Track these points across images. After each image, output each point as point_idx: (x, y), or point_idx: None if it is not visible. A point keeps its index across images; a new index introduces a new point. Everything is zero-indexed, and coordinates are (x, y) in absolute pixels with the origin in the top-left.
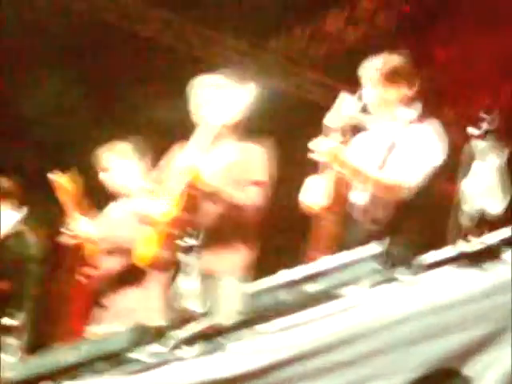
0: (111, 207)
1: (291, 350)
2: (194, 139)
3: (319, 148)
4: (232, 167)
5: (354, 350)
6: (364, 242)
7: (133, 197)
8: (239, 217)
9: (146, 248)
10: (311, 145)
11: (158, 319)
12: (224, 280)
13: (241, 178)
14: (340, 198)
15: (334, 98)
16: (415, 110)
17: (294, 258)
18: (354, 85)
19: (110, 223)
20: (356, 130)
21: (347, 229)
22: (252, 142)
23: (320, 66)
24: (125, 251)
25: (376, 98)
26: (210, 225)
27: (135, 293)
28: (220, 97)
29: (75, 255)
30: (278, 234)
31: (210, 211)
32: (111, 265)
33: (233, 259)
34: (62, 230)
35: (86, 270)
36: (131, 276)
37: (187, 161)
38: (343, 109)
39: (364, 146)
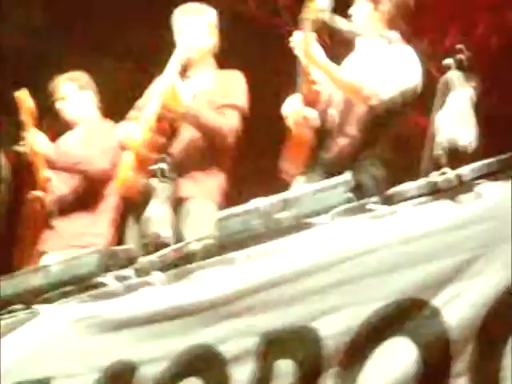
0: (67, 135)
1: (261, 278)
2: (171, 65)
3: (294, 40)
4: (210, 91)
5: (323, 278)
6: (337, 157)
7: (86, 126)
8: (217, 141)
9: (121, 172)
10: (291, 41)
11: (106, 244)
12: (200, 204)
13: (219, 102)
14: (313, 107)
15: None
16: (399, 32)
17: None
18: None
19: (65, 145)
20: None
21: (321, 143)
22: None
23: None
24: (77, 172)
25: (361, 14)
26: (186, 150)
27: (85, 217)
28: (190, 23)
29: (30, 179)
30: (257, 157)
31: (188, 135)
32: (62, 188)
33: (209, 184)
34: (20, 143)
35: (38, 193)
36: (82, 200)
37: (165, 82)
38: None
39: (348, 61)
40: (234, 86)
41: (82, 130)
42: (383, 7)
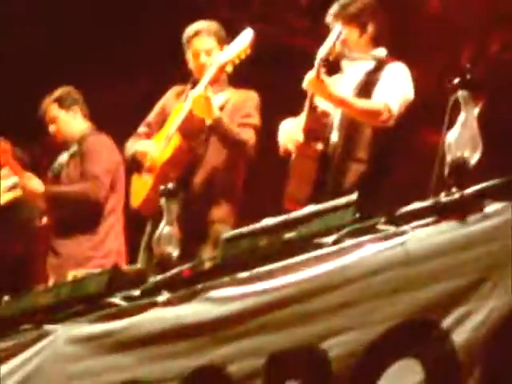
0: (60, 162)
1: (268, 298)
2: (205, 78)
3: (306, 78)
4: (229, 110)
5: (331, 299)
6: (346, 182)
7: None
8: (241, 155)
9: (138, 190)
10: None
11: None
12: (219, 229)
13: (239, 121)
14: (318, 138)
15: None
16: (383, 49)
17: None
18: None
19: (57, 177)
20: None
21: (326, 169)
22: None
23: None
24: (73, 210)
25: (351, 41)
26: (208, 177)
27: (89, 240)
28: (215, 41)
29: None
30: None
31: (210, 163)
32: (62, 214)
33: (227, 208)
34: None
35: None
36: (83, 223)
37: (197, 94)
38: (331, 37)
39: (340, 87)
40: (252, 107)
41: (74, 151)
42: (370, 29)
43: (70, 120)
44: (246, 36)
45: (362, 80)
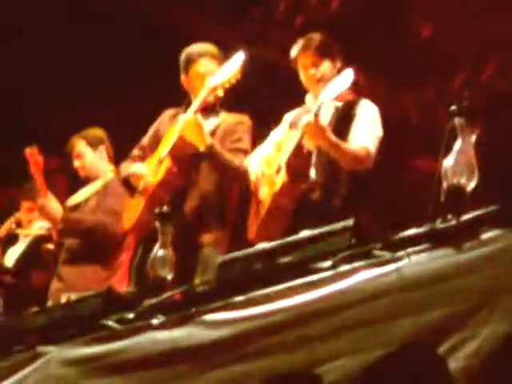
0: (80, 195)
1: (263, 322)
2: (196, 103)
3: (303, 121)
4: (222, 134)
5: (326, 323)
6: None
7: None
8: (231, 182)
9: (131, 212)
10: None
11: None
12: (212, 252)
13: (230, 146)
14: (300, 176)
15: None
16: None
17: None
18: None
19: (76, 206)
20: None
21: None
22: (236, 113)
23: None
24: (89, 239)
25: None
26: (202, 201)
27: (97, 272)
28: (217, 65)
29: None
30: None
31: (203, 187)
32: (75, 242)
33: (220, 232)
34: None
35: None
36: (95, 254)
37: (187, 120)
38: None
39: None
40: (243, 131)
41: (96, 187)
42: (338, 63)
43: (95, 159)
44: (238, 59)
45: (335, 117)
